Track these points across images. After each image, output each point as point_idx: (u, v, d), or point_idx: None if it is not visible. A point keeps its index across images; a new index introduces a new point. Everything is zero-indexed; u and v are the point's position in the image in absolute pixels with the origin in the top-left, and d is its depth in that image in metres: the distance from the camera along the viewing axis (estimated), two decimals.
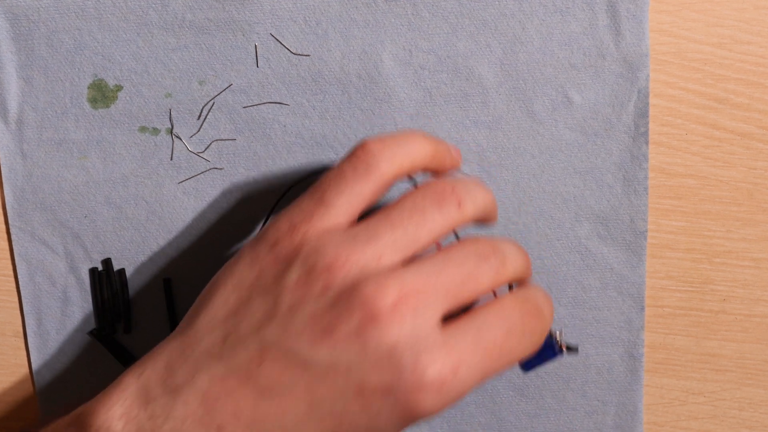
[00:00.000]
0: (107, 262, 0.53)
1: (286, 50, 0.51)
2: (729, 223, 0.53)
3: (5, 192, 0.53)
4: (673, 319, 0.54)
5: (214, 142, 0.52)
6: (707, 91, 0.52)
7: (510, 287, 0.43)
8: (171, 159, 0.52)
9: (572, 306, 0.53)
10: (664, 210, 0.53)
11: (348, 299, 0.36)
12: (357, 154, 0.40)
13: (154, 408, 0.37)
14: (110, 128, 0.52)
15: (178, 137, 0.52)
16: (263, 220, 0.53)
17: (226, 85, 0.52)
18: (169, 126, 0.52)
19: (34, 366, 0.55)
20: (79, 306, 0.54)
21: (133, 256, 0.54)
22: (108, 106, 0.52)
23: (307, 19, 0.51)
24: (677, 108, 0.52)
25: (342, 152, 0.52)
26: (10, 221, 0.53)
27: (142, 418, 0.37)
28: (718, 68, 0.52)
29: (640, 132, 0.51)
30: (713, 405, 0.55)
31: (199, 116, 0.52)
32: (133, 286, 0.54)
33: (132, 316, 0.54)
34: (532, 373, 0.54)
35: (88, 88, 0.52)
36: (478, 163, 0.52)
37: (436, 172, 0.44)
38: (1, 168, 0.53)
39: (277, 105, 0.52)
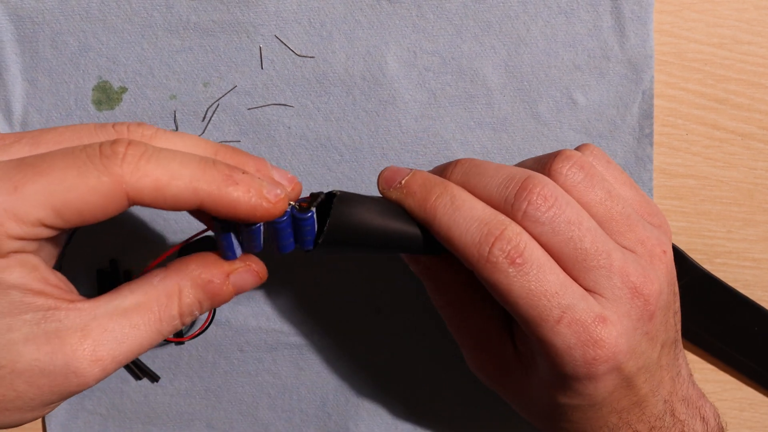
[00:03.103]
0: (113, 263, 0.53)
1: (291, 52, 0.51)
2: (729, 224, 0.53)
3: None
4: None
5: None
6: (708, 92, 0.52)
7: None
8: None
9: None
10: (665, 210, 0.53)
11: None
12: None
13: None
14: None
15: None
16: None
17: (231, 86, 0.52)
18: (174, 127, 0.52)
19: None
20: None
21: (138, 256, 0.53)
22: (112, 108, 0.52)
23: (312, 20, 0.51)
24: (678, 108, 0.52)
25: (346, 154, 0.52)
26: None
27: None
28: (718, 68, 0.52)
29: (644, 133, 0.51)
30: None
31: (204, 118, 0.52)
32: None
33: None
34: None
35: (93, 89, 0.51)
36: None
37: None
38: None
39: (282, 107, 0.52)
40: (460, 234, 0.39)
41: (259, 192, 0.36)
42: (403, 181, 0.41)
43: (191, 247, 0.42)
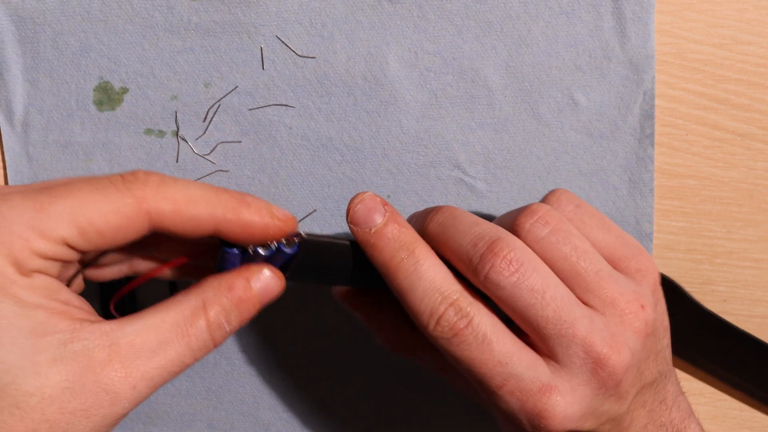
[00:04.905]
0: None
1: (292, 52, 0.51)
2: (729, 224, 0.53)
3: None
4: None
5: (220, 144, 0.52)
6: (708, 92, 0.52)
7: None
8: (177, 161, 0.52)
9: None
10: (665, 210, 0.53)
11: None
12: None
13: None
14: (116, 130, 0.52)
15: (183, 139, 0.52)
16: None
17: (232, 87, 0.52)
18: (175, 128, 0.52)
19: None
20: None
21: None
22: (114, 109, 0.52)
23: (313, 21, 0.51)
24: (678, 108, 0.52)
25: (348, 154, 0.52)
26: None
27: None
28: (718, 69, 0.52)
29: (645, 134, 0.51)
30: (714, 405, 0.56)
31: (205, 118, 0.52)
32: (139, 290, 0.54)
33: None
34: None
35: (94, 90, 0.51)
36: (484, 165, 0.52)
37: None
38: (7, 170, 0.52)
39: (283, 107, 0.52)
40: (415, 302, 0.40)
41: (271, 212, 0.38)
42: (372, 230, 0.41)
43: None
